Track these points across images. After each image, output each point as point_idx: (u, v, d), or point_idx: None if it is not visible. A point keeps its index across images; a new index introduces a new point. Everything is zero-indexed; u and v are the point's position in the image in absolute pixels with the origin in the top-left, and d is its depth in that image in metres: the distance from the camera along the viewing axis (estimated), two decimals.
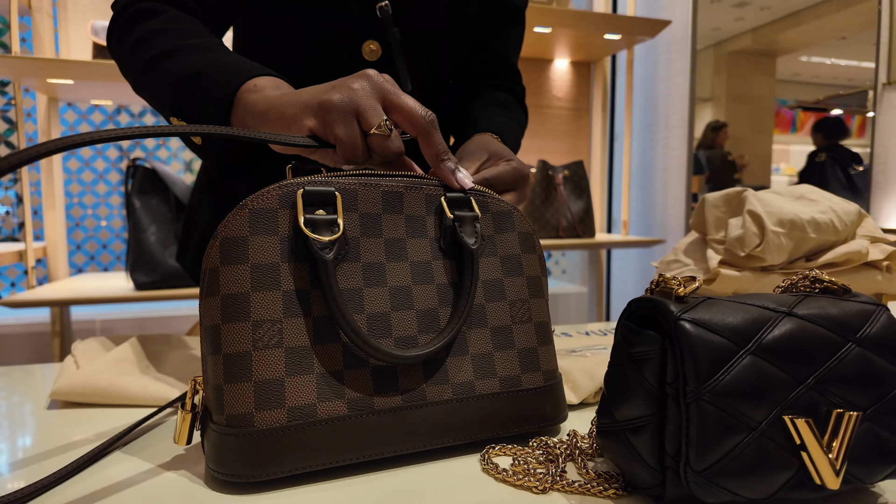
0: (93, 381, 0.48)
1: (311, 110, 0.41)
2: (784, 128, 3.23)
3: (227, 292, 0.35)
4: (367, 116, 0.40)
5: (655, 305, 0.32)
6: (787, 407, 0.30)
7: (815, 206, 0.72)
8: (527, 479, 0.35)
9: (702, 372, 0.29)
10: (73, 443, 0.41)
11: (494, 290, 0.42)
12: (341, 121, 0.40)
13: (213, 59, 0.49)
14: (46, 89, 1.60)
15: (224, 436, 0.34)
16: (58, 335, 1.65)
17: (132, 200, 1.45)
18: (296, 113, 0.41)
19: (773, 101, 2.92)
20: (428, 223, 0.41)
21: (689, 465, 0.29)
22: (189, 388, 0.37)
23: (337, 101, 0.40)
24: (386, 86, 0.41)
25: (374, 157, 0.42)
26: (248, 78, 0.46)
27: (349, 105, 0.40)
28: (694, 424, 0.29)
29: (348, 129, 0.40)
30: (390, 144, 0.40)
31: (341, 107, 0.40)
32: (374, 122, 0.40)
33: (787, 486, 0.30)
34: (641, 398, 0.32)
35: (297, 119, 0.41)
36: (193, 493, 0.34)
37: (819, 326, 0.32)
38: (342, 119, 0.40)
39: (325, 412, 0.35)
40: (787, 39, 2.78)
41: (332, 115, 0.40)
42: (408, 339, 0.38)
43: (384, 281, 0.39)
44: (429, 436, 0.38)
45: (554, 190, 1.87)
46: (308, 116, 0.41)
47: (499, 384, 0.40)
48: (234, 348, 0.35)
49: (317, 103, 0.40)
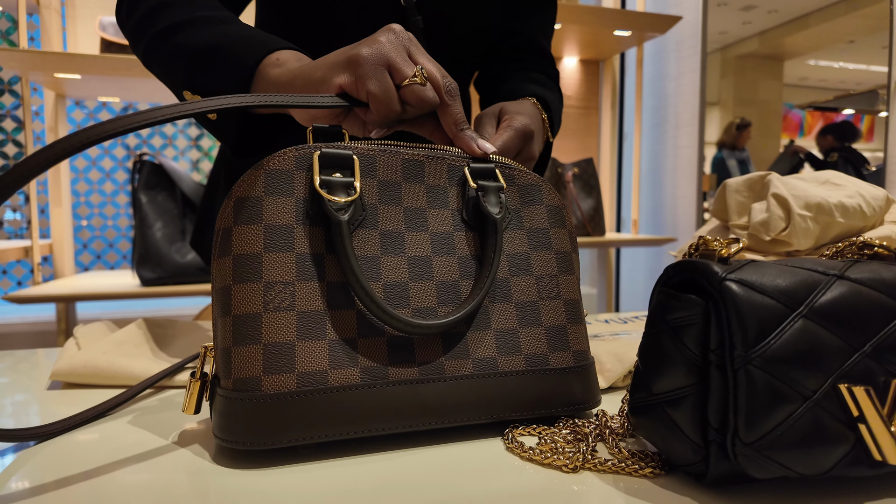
0: (94, 362, 0.47)
1: (339, 67, 0.39)
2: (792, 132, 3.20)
3: (239, 252, 0.33)
4: (400, 67, 0.38)
5: (698, 267, 0.29)
6: (842, 375, 0.28)
7: (842, 190, 0.69)
8: (555, 457, 0.32)
9: (750, 336, 0.27)
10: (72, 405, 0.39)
11: (520, 264, 0.40)
12: (373, 73, 0.38)
13: (229, 31, 0.47)
14: (54, 85, 1.59)
15: (230, 400, 0.32)
16: (63, 332, 1.63)
17: (138, 196, 1.44)
18: (324, 73, 0.39)
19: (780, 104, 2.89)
20: (450, 194, 0.39)
21: (738, 436, 0.26)
22: (200, 355, 0.35)
23: (367, 54, 0.38)
24: (411, 43, 0.40)
25: (409, 110, 0.40)
26: (269, 52, 0.44)
27: (380, 57, 0.38)
28: (742, 392, 0.26)
29: (381, 81, 0.38)
30: (426, 93, 0.39)
31: (372, 59, 0.38)
32: (409, 73, 0.38)
33: (843, 462, 0.27)
34: (681, 367, 0.29)
35: (325, 80, 0.39)
36: (201, 467, 0.32)
37: (874, 290, 0.29)
38: (374, 72, 0.38)
39: (337, 379, 0.33)
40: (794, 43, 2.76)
41: (363, 68, 0.38)
42: (426, 310, 0.36)
43: (402, 250, 0.37)
44: (446, 412, 0.35)
45: (563, 188, 1.85)
46: (337, 74, 0.39)
47: (524, 362, 0.38)
48: (245, 309, 0.33)
49: (345, 59, 0.39)
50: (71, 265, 1.73)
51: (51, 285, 1.49)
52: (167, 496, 0.29)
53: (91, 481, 0.30)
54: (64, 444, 0.35)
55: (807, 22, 2.68)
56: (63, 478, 0.31)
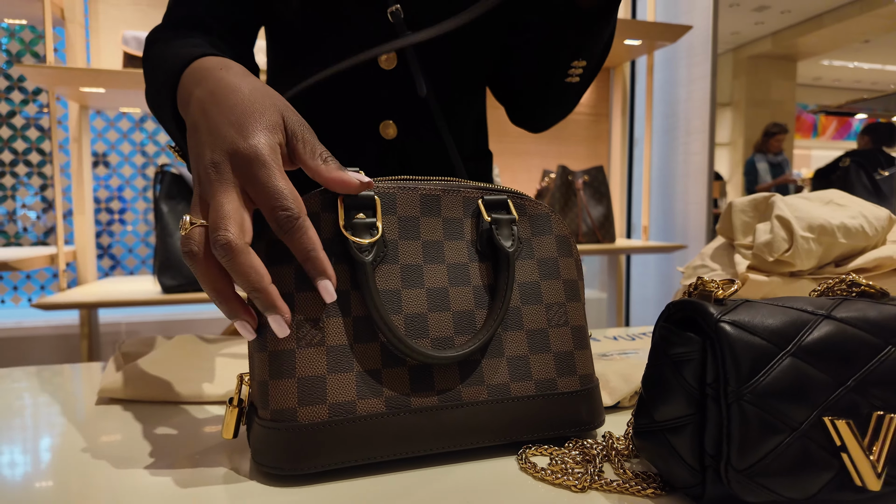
0: (134, 381, 0.51)
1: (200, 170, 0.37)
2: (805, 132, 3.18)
3: None
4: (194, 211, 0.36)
5: (695, 307, 0.32)
6: (827, 408, 0.30)
7: (845, 210, 0.71)
8: (565, 477, 0.35)
9: (743, 373, 0.30)
10: (120, 435, 0.43)
11: (531, 293, 0.43)
12: None
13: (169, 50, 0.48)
14: (78, 97, 1.64)
15: (268, 430, 0.35)
16: (86, 337, 1.69)
17: (160, 205, 1.48)
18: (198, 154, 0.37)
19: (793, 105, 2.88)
20: (465, 225, 0.42)
21: (731, 463, 0.29)
22: (236, 384, 0.38)
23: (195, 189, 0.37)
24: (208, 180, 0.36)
25: None
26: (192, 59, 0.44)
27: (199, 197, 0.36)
28: (735, 424, 0.29)
29: None
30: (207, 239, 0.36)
31: None
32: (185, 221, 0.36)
33: (828, 487, 0.30)
34: (681, 398, 0.32)
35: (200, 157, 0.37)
36: (238, 485, 0.35)
37: (858, 329, 0.32)
38: None
39: (364, 409, 0.36)
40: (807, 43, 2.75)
41: None
42: (444, 339, 0.39)
43: (421, 283, 0.40)
44: (464, 436, 0.39)
45: (573, 195, 1.87)
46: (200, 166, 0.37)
47: (534, 387, 0.41)
48: (279, 346, 0.36)
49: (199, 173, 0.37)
50: (93, 271, 1.78)
51: (76, 292, 1.54)
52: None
53: (137, 492, 0.34)
54: (102, 459, 0.39)
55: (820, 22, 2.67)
56: (111, 491, 0.34)
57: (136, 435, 0.43)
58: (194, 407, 0.50)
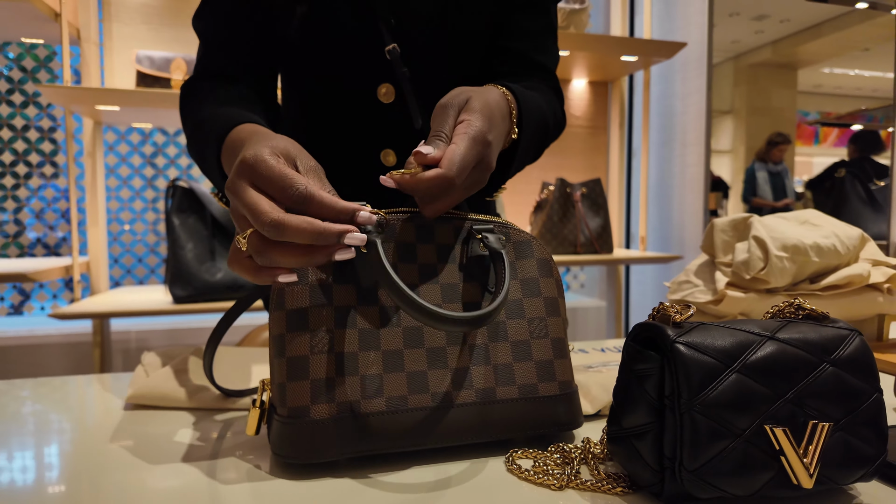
0: (159, 389, 0.56)
1: None
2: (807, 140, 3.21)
3: (291, 307, 0.42)
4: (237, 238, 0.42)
5: (655, 330, 0.37)
6: (768, 417, 0.35)
7: (819, 230, 0.76)
8: (545, 478, 0.40)
9: (693, 387, 0.35)
10: (151, 434, 0.48)
11: (515, 309, 0.48)
12: None
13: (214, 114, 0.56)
14: (93, 114, 1.71)
15: (286, 425, 0.41)
16: (98, 346, 1.74)
17: (171, 218, 1.54)
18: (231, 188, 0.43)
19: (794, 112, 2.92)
20: (455, 251, 0.48)
21: (683, 465, 0.34)
22: (258, 388, 0.44)
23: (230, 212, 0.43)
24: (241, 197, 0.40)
25: None
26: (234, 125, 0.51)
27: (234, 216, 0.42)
28: (687, 431, 0.34)
29: None
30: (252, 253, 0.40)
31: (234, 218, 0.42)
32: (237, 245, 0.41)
33: (768, 485, 0.35)
34: (644, 408, 0.37)
35: None
36: (260, 474, 0.41)
37: (798, 349, 0.37)
38: None
39: (367, 407, 0.42)
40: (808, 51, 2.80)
41: None
42: (437, 349, 0.45)
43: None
44: (454, 433, 0.44)
45: (572, 207, 1.92)
46: None
47: (518, 391, 0.46)
48: (295, 352, 0.42)
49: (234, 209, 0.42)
50: (105, 281, 1.84)
51: (90, 302, 1.59)
52: (235, 497, 0.37)
53: (169, 479, 0.39)
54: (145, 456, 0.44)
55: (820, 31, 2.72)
56: (145, 478, 0.39)
57: (165, 435, 0.48)
58: (217, 412, 0.55)
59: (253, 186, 0.39)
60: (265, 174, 0.39)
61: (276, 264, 0.39)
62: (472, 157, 0.45)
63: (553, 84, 0.73)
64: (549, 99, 0.68)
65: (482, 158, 0.46)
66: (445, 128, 0.46)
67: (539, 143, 0.65)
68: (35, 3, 1.45)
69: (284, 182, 0.39)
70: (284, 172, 0.39)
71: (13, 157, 2.17)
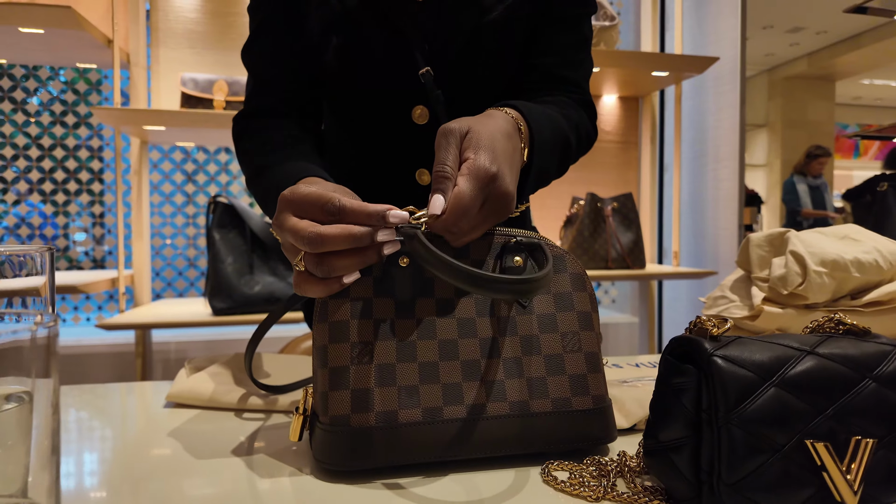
0: (197, 389, 0.60)
1: None
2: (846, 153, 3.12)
3: (334, 320, 0.44)
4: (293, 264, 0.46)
5: (692, 344, 0.38)
6: (808, 433, 0.35)
7: (859, 245, 0.75)
8: (582, 489, 0.41)
9: (731, 401, 0.35)
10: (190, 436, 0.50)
11: (548, 323, 0.49)
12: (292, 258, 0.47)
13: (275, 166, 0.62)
14: (140, 134, 1.79)
15: (327, 432, 0.43)
16: (140, 356, 1.81)
17: (212, 233, 1.60)
18: None
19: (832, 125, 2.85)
20: (488, 265, 0.49)
21: (721, 479, 0.34)
22: (302, 396, 0.46)
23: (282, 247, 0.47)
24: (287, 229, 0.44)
25: None
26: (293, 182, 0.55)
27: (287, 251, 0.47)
28: (725, 445, 0.34)
29: None
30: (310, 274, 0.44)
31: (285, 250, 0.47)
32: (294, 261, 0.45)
33: (809, 502, 0.35)
34: (681, 422, 0.37)
35: None
36: (302, 479, 0.43)
37: (838, 364, 0.37)
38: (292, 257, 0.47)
39: (405, 417, 0.43)
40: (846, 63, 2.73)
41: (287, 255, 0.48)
42: (472, 362, 0.46)
43: (453, 314, 0.47)
44: (488, 445, 0.45)
45: (603, 222, 1.91)
46: None
47: (551, 404, 0.46)
48: (338, 363, 0.43)
49: None
50: (148, 293, 1.91)
51: (134, 313, 1.66)
52: (279, 498, 0.39)
53: (215, 477, 0.41)
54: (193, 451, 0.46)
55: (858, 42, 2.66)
56: (184, 484, 0.42)
57: (204, 438, 0.51)
58: (255, 413, 0.57)
59: (294, 215, 0.44)
60: (301, 199, 0.44)
61: (334, 272, 0.42)
62: (476, 196, 0.45)
63: (582, 98, 0.73)
64: (569, 112, 0.68)
65: (491, 193, 0.46)
66: (449, 161, 0.46)
67: (562, 156, 0.65)
68: (91, 31, 1.54)
69: (320, 200, 0.43)
70: (318, 192, 0.43)
71: (65, 175, 2.29)
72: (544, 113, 0.60)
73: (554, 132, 0.61)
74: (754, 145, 2.76)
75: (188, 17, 1.91)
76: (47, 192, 2.27)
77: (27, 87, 2.22)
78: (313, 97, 0.74)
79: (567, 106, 0.69)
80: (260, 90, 0.72)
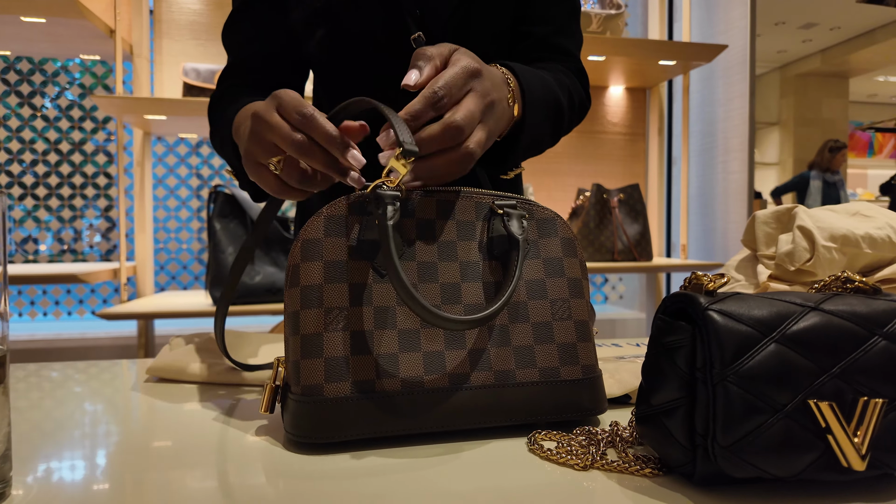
0: (177, 363, 0.58)
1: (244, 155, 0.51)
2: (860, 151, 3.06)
3: (305, 284, 0.42)
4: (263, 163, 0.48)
5: (686, 298, 0.35)
6: (812, 393, 0.32)
7: (871, 221, 0.71)
8: (569, 457, 0.38)
9: (727, 357, 0.32)
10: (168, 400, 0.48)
11: (537, 289, 0.46)
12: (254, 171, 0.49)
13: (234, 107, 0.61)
14: (142, 124, 1.79)
15: (299, 403, 0.40)
16: (143, 347, 1.80)
17: (213, 223, 1.58)
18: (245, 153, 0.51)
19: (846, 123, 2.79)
20: (476, 228, 0.46)
21: (716, 440, 0.32)
22: (273, 365, 0.43)
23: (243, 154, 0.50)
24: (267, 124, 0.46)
25: None
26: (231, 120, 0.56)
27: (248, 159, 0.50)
28: (720, 403, 0.32)
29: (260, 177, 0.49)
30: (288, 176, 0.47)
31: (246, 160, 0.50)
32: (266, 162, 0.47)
33: (813, 467, 0.32)
34: (674, 383, 0.35)
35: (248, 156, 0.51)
36: (272, 452, 0.40)
37: (845, 320, 0.34)
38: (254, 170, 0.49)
39: (382, 387, 0.41)
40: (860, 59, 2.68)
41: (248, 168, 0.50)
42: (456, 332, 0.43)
43: (436, 278, 0.44)
44: (471, 416, 0.42)
45: (609, 213, 1.88)
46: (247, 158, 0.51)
47: (538, 374, 0.44)
48: (309, 330, 0.41)
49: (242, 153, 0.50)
50: (151, 285, 1.90)
51: (135, 304, 1.65)
52: (250, 471, 0.37)
53: (185, 451, 0.39)
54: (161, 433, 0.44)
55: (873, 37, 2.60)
56: (164, 449, 0.40)
57: (177, 414, 0.49)
58: (232, 388, 0.55)
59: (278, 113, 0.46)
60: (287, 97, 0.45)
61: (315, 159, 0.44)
62: (460, 77, 0.45)
63: (575, 66, 0.73)
64: (561, 78, 0.67)
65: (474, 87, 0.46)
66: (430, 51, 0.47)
67: (554, 118, 0.63)
68: (92, 20, 1.54)
69: (299, 103, 0.45)
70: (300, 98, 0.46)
71: (70, 169, 2.29)
72: (536, 74, 0.59)
73: (546, 92, 0.59)
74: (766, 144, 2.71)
75: (191, 7, 1.90)
76: (53, 185, 2.28)
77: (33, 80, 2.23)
78: (291, 82, 0.72)
79: (560, 72, 0.68)
80: (234, 71, 0.70)
